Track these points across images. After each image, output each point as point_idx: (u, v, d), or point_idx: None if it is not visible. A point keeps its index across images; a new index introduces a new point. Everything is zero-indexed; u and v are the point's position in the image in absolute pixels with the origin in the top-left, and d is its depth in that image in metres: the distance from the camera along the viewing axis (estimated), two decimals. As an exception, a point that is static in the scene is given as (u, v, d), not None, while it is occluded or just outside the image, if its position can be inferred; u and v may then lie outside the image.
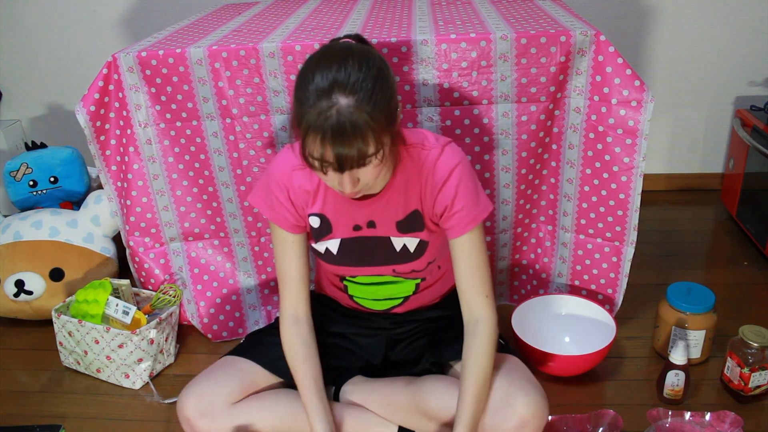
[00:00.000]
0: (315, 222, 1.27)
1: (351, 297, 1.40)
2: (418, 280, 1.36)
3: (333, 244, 1.28)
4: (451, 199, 1.18)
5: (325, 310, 1.44)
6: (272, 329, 1.43)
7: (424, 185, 1.21)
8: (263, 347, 1.37)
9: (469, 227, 1.19)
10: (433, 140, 1.21)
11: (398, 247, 1.27)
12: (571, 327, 1.61)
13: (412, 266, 1.30)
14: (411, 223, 1.25)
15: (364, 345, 1.41)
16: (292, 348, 1.29)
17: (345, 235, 1.27)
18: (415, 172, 1.20)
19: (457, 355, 1.28)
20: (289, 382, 1.34)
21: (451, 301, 1.45)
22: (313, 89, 0.99)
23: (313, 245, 1.32)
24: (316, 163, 1.03)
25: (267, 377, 1.33)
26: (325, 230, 1.28)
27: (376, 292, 1.37)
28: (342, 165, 1.01)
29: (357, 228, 1.26)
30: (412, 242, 1.26)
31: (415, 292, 1.38)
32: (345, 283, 1.39)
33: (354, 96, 0.98)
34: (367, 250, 1.28)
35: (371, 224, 1.25)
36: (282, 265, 1.30)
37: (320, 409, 1.24)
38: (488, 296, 1.23)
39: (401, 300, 1.38)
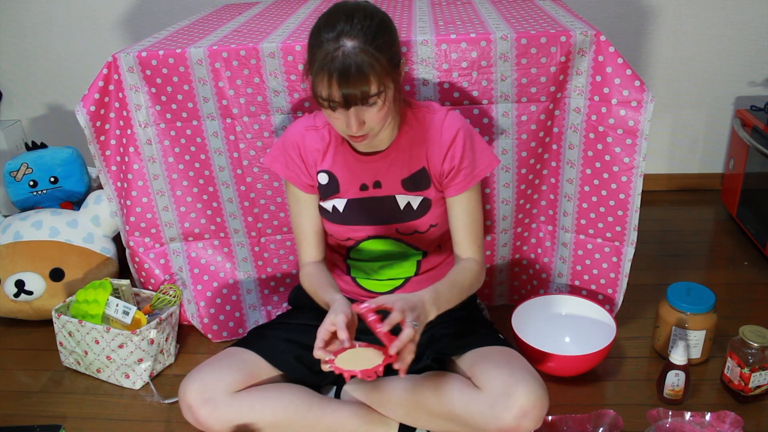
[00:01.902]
0: (323, 179, 1.34)
1: (354, 279, 1.43)
2: (419, 256, 1.40)
3: (340, 203, 1.35)
4: (457, 156, 1.28)
5: None
6: (275, 323, 1.46)
7: (431, 144, 1.29)
8: (266, 340, 1.38)
9: (471, 183, 1.29)
10: (438, 106, 1.32)
11: (402, 204, 1.33)
12: (571, 327, 1.61)
13: (415, 226, 1.34)
14: (416, 181, 1.31)
15: (365, 341, 1.42)
16: (311, 275, 1.36)
17: (352, 195, 1.34)
18: (421, 132, 1.30)
19: (458, 350, 1.32)
20: (290, 377, 1.36)
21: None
22: (323, 37, 1.10)
23: (321, 204, 1.37)
24: (325, 103, 1.12)
25: (269, 370, 1.34)
26: (332, 188, 1.34)
27: (379, 271, 1.41)
28: (348, 101, 1.10)
29: (364, 188, 1.33)
30: (415, 200, 1.32)
31: (416, 273, 1.41)
32: (348, 262, 1.43)
33: (358, 39, 1.08)
34: (372, 209, 1.34)
35: (377, 184, 1.32)
36: (297, 224, 1.40)
37: (336, 291, 1.27)
38: (480, 246, 1.34)
39: (403, 281, 1.41)
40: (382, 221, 1.34)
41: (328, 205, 1.36)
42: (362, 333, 1.47)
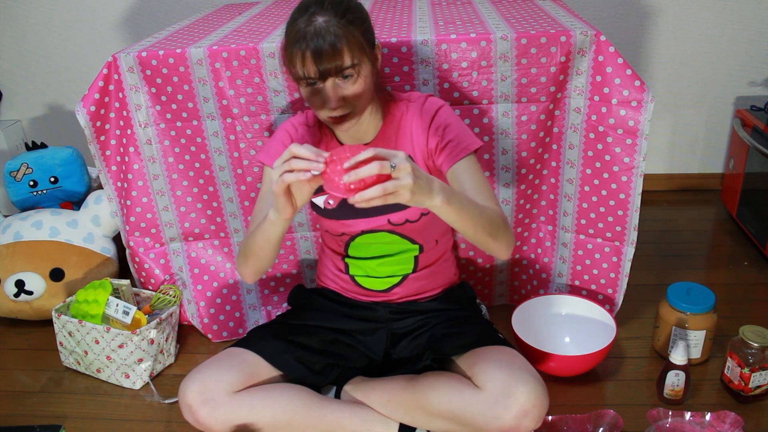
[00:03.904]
0: None
1: (353, 278, 1.44)
2: (416, 251, 1.40)
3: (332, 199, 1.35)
4: (442, 130, 1.28)
5: (327, 304, 1.47)
6: (275, 324, 1.46)
7: (415, 129, 1.30)
8: (266, 340, 1.38)
9: (465, 152, 1.26)
10: (419, 94, 1.34)
11: None
12: (571, 327, 1.61)
13: (406, 215, 1.33)
14: None
15: (365, 341, 1.42)
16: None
17: None
18: (404, 121, 1.31)
19: (458, 349, 1.32)
20: (290, 377, 1.36)
21: (451, 296, 1.46)
22: (296, 19, 1.14)
23: (313, 200, 1.37)
24: (303, 81, 1.15)
25: (269, 370, 1.34)
26: None
27: (377, 268, 1.40)
28: (323, 73, 1.12)
29: None
30: None
31: (414, 270, 1.41)
32: (346, 261, 1.43)
33: (329, 14, 1.12)
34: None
35: None
36: (262, 205, 1.31)
37: None
38: (497, 204, 1.25)
39: (400, 278, 1.41)
40: (374, 213, 1.34)
41: (320, 201, 1.37)
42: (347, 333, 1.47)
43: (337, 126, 1.22)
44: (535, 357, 1.45)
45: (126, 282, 1.70)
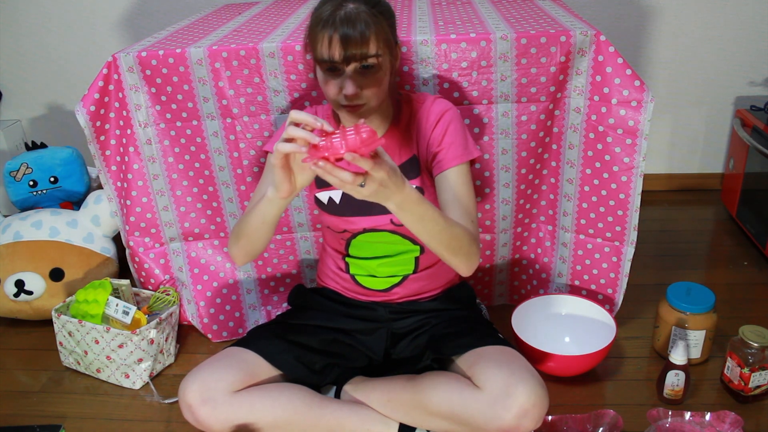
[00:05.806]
0: None
1: (353, 277, 1.44)
2: (417, 252, 1.40)
3: (336, 195, 1.35)
4: (442, 134, 1.29)
5: (327, 304, 1.47)
6: (275, 323, 1.46)
7: (420, 129, 1.32)
8: (266, 340, 1.38)
9: (456, 161, 1.26)
10: (428, 95, 1.36)
11: None
12: (571, 327, 1.61)
13: None
14: (408, 170, 1.33)
15: (365, 341, 1.42)
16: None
17: None
18: (413, 121, 1.33)
19: (459, 349, 1.32)
20: (290, 377, 1.36)
21: (451, 296, 1.47)
22: (324, 6, 1.15)
23: (317, 195, 1.38)
24: (325, 63, 1.15)
25: (269, 369, 1.34)
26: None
27: (378, 268, 1.41)
28: (348, 58, 1.13)
29: None
30: None
31: (415, 271, 1.41)
32: (347, 260, 1.43)
33: (359, 2, 1.14)
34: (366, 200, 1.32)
35: None
36: (260, 191, 1.30)
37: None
38: (472, 222, 1.25)
39: (401, 278, 1.42)
40: (377, 211, 1.34)
41: (323, 196, 1.37)
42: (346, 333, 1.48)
43: (349, 114, 1.21)
44: (535, 357, 1.45)
45: (126, 282, 1.70)
